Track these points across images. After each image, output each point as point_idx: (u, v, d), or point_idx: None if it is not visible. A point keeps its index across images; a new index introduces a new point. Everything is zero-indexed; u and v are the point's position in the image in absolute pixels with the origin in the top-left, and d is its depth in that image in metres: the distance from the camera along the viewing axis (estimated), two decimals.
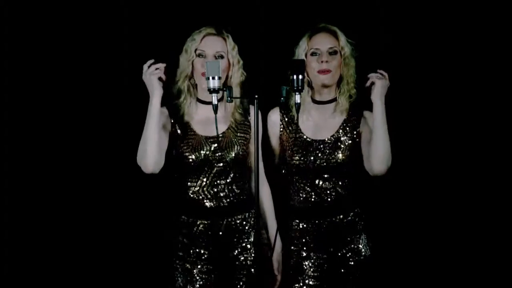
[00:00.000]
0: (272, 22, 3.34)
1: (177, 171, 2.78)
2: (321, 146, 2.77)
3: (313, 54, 2.75)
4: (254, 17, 3.34)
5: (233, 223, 2.75)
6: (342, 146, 2.76)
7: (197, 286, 2.71)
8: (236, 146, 2.73)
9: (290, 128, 2.83)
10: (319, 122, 2.82)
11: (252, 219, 2.78)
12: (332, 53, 2.74)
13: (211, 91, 2.44)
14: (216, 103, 2.45)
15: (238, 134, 2.76)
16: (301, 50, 2.77)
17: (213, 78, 2.42)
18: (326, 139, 2.78)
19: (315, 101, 2.82)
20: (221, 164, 2.71)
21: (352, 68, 2.77)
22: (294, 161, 2.78)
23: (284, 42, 2.91)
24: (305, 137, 2.79)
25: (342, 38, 2.75)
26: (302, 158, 2.76)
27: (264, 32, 3.34)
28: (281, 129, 2.85)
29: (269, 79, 3.12)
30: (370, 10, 3.34)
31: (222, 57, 2.69)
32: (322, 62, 2.72)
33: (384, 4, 3.33)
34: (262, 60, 3.26)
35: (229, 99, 2.48)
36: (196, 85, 2.76)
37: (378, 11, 3.33)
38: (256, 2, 3.34)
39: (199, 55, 2.69)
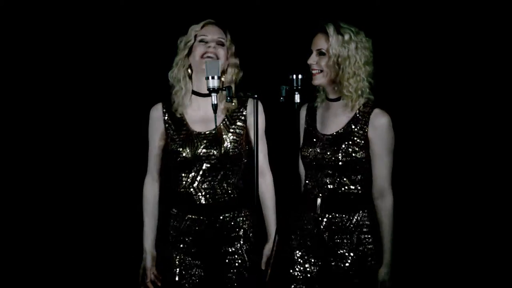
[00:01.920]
0: (272, 21, 3.34)
1: (170, 164, 2.79)
2: (325, 140, 2.78)
3: (310, 53, 2.76)
4: (254, 17, 3.34)
5: (220, 221, 2.75)
6: (345, 143, 2.75)
7: (185, 278, 2.73)
8: (226, 143, 2.74)
9: (308, 122, 2.88)
10: (330, 117, 2.83)
11: (242, 219, 2.78)
12: (320, 53, 2.74)
13: (211, 90, 2.44)
14: (215, 102, 2.46)
15: (231, 130, 2.77)
16: None
17: (213, 77, 2.43)
18: (331, 135, 2.78)
19: (327, 98, 2.85)
20: (212, 161, 2.72)
21: (349, 67, 2.69)
22: (303, 153, 2.82)
23: (284, 41, 2.91)
24: (314, 130, 2.83)
25: (334, 39, 2.69)
26: (309, 151, 2.79)
27: (265, 31, 3.34)
28: (305, 123, 2.90)
29: (269, 79, 3.11)
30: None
31: (222, 44, 2.73)
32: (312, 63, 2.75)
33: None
34: (262, 59, 3.26)
35: (228, 98, 2.49)
36: (192, 77, 2.77)
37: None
38: (256, 1, 3.34)
39: (200, 41, 2.73)
